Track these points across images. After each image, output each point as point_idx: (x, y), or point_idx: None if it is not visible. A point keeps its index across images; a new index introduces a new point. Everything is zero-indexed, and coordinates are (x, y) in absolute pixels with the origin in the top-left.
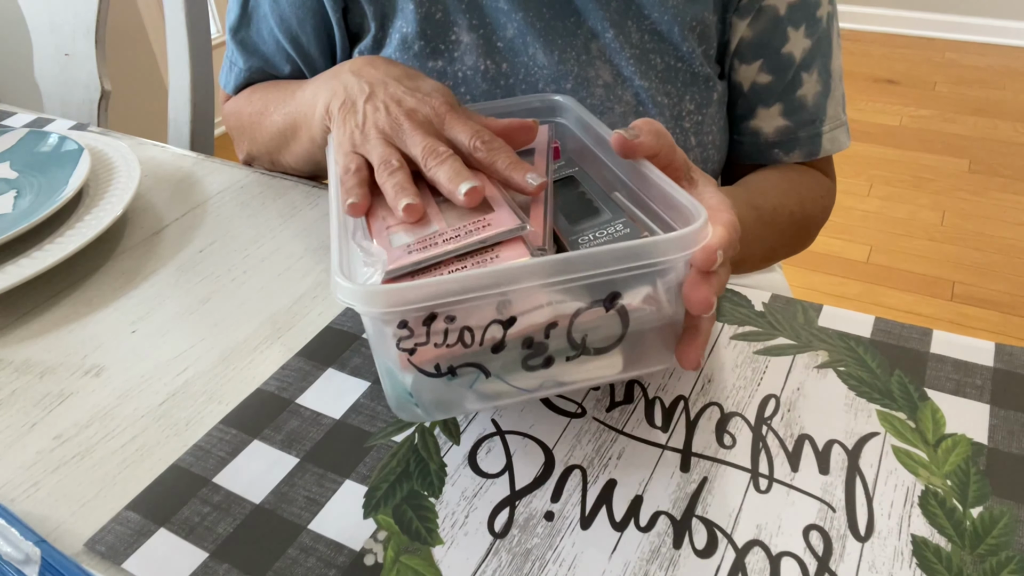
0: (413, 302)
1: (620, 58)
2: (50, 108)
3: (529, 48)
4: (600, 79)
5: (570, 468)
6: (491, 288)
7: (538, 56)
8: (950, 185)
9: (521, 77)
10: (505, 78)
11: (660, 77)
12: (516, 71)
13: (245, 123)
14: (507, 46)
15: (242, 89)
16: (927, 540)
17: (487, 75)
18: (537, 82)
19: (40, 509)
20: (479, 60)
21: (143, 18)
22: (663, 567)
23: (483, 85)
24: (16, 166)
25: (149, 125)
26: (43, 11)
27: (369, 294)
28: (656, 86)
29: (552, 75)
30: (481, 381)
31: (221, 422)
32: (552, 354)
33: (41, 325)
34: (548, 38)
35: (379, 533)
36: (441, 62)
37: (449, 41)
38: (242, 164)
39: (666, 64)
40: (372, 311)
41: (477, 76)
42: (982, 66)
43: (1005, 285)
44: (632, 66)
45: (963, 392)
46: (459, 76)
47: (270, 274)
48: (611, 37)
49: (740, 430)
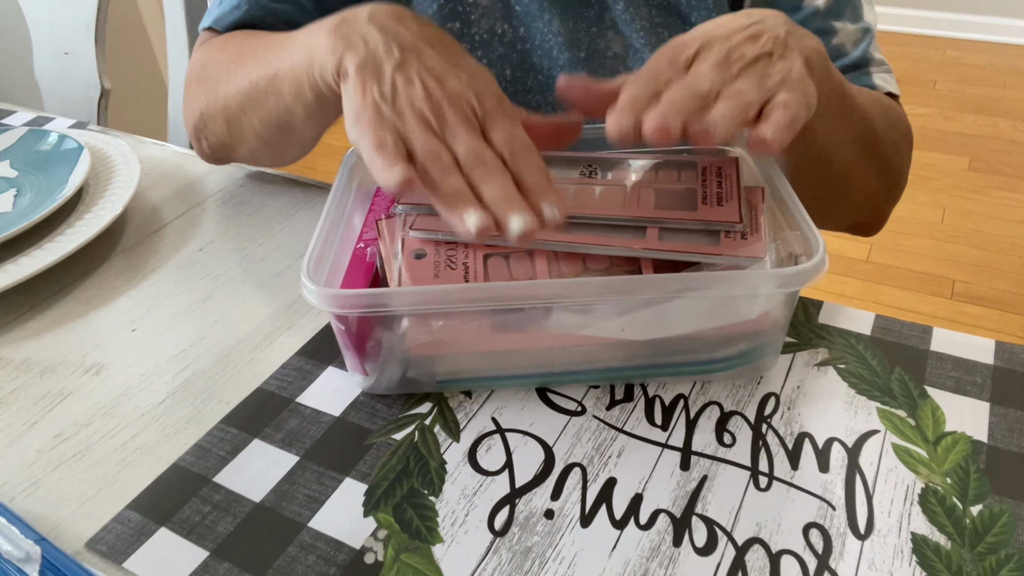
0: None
1: (631, 30)
2: (50, 107)
3: (545, 14)
4: (611, 50)
5: (570, 466)
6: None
7: (554, 22)
8: (950, 183)
9: (537, 43)
10: (522, 42)
11: None
12: (532, 36)
13: (210, 73)
14: (524, 11)
15: (223, 20)
16: (927, 538)
17: (504, 39)
18: (551, 49)
19: (40, 508)
20: (497, 23)
21: (143, 16)
22: (663, 565)
23: (500, 49)
24: (16, 165)
25: (149, 124)
26: (43, 9)
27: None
28: None
29: (567, 42)
30: None
31: (221, 421)
32: None
33: (41, 324)
34: (562, 5)
35: (379, 531)
36: (459, 23)
37: (467, 3)
38: (189, 131)
39: None
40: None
41: (494, 40)
42: (982, 64)
43: (1005, 283)
44: (643, 39)
45: (963, 390)
46: (476, 39)
47: (270, 273)
48: (621, 9)
49: (740, 428)
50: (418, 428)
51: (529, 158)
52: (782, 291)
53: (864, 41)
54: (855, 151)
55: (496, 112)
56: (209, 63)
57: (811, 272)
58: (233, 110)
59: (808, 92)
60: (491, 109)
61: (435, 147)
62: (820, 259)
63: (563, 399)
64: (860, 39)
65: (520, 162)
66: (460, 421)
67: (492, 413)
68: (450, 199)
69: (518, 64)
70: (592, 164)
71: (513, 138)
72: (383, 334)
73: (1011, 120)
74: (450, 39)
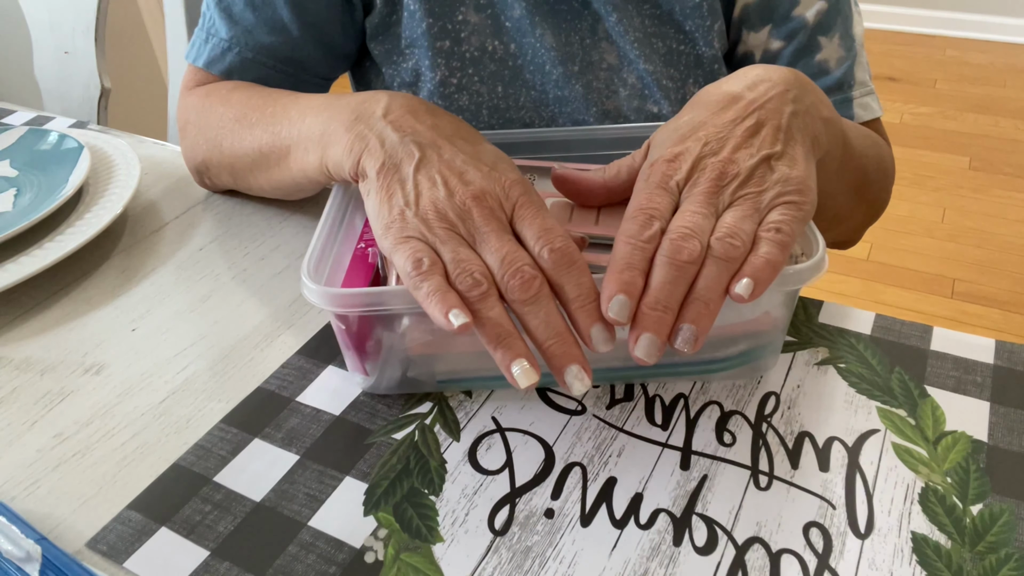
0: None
1: (624, 41)
2: (50, 106)
3: (536, 29)
4: (605, 62)
5: (570, 465)
6: None
7: (546, 37)
8: (950, 182)
9: (529, 59)
10: (513, 59)
11: (664, 60)
12: (524, 52)
13: (212, 123)
14: (515, 26)
15: (214, 65)
16: (927, 537)
17: (495, 56)
18: (544, 64)
19: (41, 507)
20: (487, 40)
21: (143, 16)
22: (663, 564)
23: (491, 66)
24: (16, 164)
25: (149, 123)
26: (43, 9)
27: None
28: (660, 69)
29: (559, 57)
30: None
31: (222, 420)
32: None
33: (41, 323)
34: (554, 19)
35: (379, 531)
36: (448, 42)
37: (456, 21)
38: (191, 169)
39: (668, 48)
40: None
41: (485, 57)
42: (983, 63)
43: (1005, 282)
44: (636, 49)
45: (963, 389)
46: (467, 57)
47: (270, 272)
48: (615, 20)
49: (740, 428)
50: (418, 427)
51: (568, 260)
52: (782, 290)
53: (847, 61)
54: (847, 197)
55: (524, 205)
56: (210, 112)
57: (811, 271)
58: (240, 169)
59: (806, 199)
60: (518, 201)
61: (466, 258)
62: (820, 258)
63: (563, 398)
64: (844, 58)
65: (559, 269)
66: (460, 420)
67: (492, 412)
68: (493, 337)
69: (510, 81)
70: None
71: (546, 232)
72: (383, 334)
73: (1012, 119)
74: (465, 126)
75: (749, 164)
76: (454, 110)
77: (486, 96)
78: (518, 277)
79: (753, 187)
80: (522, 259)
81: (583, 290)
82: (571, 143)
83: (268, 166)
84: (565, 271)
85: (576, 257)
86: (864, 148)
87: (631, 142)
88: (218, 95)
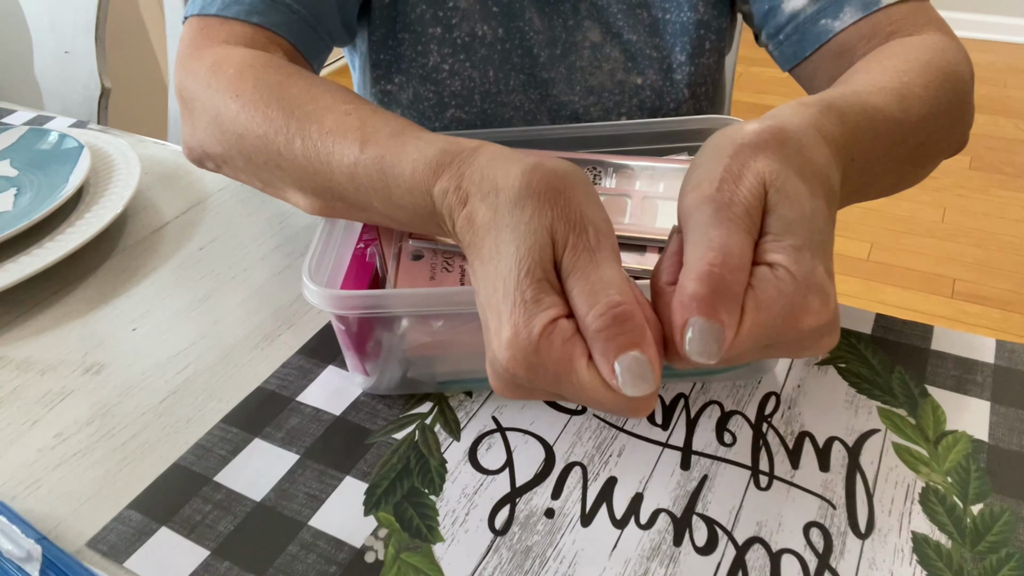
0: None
1: (608, 14)
2: (50, 106)
3: (525, 12)
4: (587, 40)
5: (571, 465)
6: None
7: (534, 20)
8: (951, 182)
9: (517, 42)
10: (502, 43)
11: (648, 31)
12: (512, 36)
13: (230, 113)
14: (503, 10)
15: (231, 6)
16: (927, 537)
17: (484, 40)
18: (532, 47)
19: (41, 507)
20: (477, 25)
21: (143, 15)
22: (663, 564)
23: (481, 51)
24: (16, 164)
25: (149, 122)
26: (43, 9)
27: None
28: (645, 39)
29: (546, 40)
30: None
31: (222, 420)
32: None
33: (42, 323)
34: (539, 2)
35: (380, 530)
36: (440, 28)
37: (448, 7)
38: (193, 157)
39: (653, 18)
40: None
41: (475, 42)
42: (983, 63)
43: (1006, 282)
44: (621, 20)
45: (964, 389)
46: (458, 43)
47: (270, 272)
48: None
49: (740, 428)
50: (419, 427)
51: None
52: None
53: None
54: (895, 176)
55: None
56: (223, 101)
57: None
58: (274, 178)
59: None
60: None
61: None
62: None
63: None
64: None
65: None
66: (460, 420)
67: (492, 412)
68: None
69: (499, 64)
70: (597, 167)
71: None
72: (383, 335)
73: (1012, 119)
74: (578, 177)
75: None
76: (447, 95)
77: (478, 81)
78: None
79: None
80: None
81: None
82: (606, 139)
83: (318, 180)
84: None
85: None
86: (889, 112)
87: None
88: (232, 72)
